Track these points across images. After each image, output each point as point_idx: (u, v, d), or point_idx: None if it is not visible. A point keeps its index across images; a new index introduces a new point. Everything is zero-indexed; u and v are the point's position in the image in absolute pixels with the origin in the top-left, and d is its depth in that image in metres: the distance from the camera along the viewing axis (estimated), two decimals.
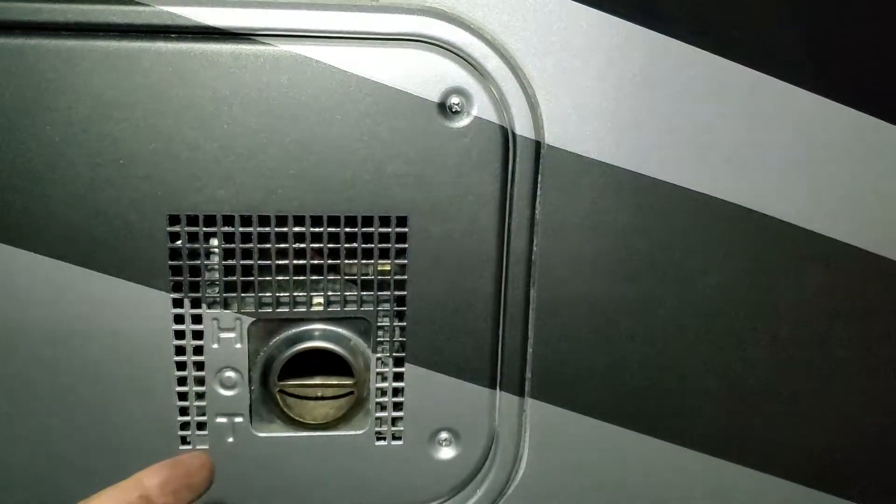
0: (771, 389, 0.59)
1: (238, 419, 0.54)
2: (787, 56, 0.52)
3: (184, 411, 0.54)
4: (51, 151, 0.48)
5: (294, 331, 0.54)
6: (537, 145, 0.52)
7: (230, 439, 0.55)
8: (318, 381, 0.54)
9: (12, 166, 0.48)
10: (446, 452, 0.57)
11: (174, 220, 0.50)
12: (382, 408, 0.56)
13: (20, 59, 0.47)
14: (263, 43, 0.49)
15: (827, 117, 0.53)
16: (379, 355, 0.55)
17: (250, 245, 0.51)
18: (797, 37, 0.52)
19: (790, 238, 0.55)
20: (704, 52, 0.51)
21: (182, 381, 0.53)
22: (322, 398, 0.55)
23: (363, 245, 0.52)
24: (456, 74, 0.50)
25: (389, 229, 0.52)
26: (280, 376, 0.54)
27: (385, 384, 0.55)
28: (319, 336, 0.54)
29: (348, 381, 0.54)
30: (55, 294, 0.50)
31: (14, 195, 0.49)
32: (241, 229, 0.51)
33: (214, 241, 0.51)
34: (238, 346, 0.53)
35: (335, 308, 0.53)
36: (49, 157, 0.48)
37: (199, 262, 0.51)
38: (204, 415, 0.54)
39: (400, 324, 0.54)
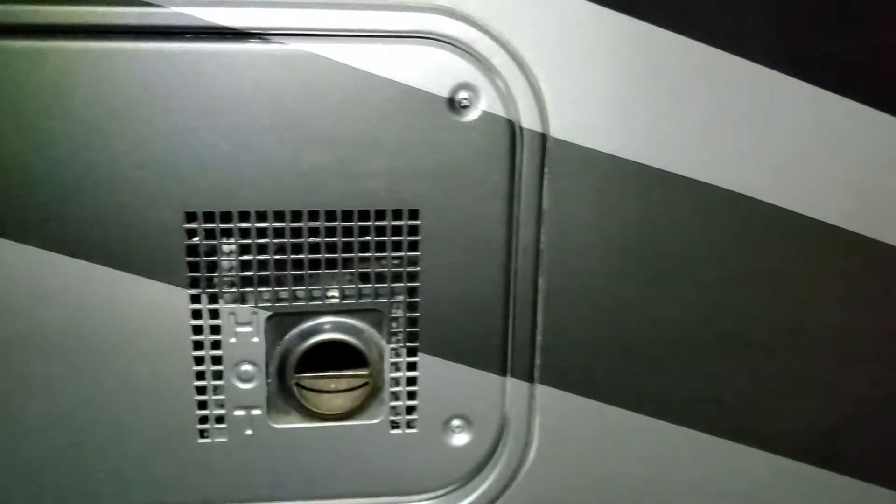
0: (776, 373, 0.61)
1: (256, 412, 0.55)
2: (781, 48, 0.54)
3: (202, 405, 0.55)
4: (70, 153, 0.49)
5: (310, 324, 0.55)
6: (543, 138, 0.53)
7: (248, 431, 0.56)
8: (333, 372, 0.56)
9: (34, 168, 0.49)
10: (459, 439, 0.58)
11: (191, 216, 0.51)
12: (396, 397, 0.57)
13: (37, 60, 0.48)
14: (276, 42, 0.50)
15: (818, 105, 0.55)
16: (392, 346, 0.56)
17: (266, 240, 0.52)
18: (793, 30, 0.54)
19: (795, 228, 0.57)
20: (702, 44, 0.53)
21: (200, 375, 0.54)
22: (338, 390, 0.56)
23: (376, 238, 0.53)
24: (464, 70, 0.52)
25: (402, 222, 0.53)
26: (297, 369, 0.55)
27: (399, 374, 0.56)
28: (334, 328, 0.55)
29: (363, 372, 0.56)
30: (74, 292, 0.51)
31: (36, 197, 0.49)
32: (256, 225, 0.52)
33: (232, 238, 0.52)
34: (255, 339, 0.54)
35: (350, 301, 0.55)
36: (69, 159, 0.49)
37: (215, 257, 0.52)
38: (222, 408, 0.55)
39: (412, 314, 0.55)
